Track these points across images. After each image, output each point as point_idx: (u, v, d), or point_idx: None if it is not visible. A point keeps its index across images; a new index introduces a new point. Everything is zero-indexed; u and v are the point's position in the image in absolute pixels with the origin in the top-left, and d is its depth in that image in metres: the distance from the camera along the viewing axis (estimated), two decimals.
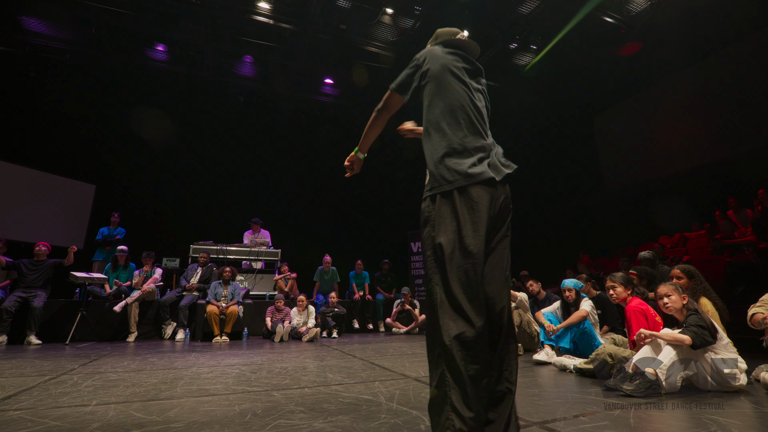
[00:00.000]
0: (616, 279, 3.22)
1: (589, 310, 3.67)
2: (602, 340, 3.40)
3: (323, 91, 9.75)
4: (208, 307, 5.67)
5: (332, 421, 1.77)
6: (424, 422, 1.75)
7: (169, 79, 8.64)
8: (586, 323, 3.54)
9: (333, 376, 2.91)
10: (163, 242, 7.75)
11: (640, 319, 2.88)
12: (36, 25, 7.34)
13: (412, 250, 9.20)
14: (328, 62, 8.68)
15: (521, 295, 4.44)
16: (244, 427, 1.69)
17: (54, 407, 2.03)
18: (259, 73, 8.96)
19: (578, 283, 3.86)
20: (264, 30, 7.73)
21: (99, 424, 1.75)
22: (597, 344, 3.39)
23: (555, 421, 1.77)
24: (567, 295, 3.79)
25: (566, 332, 3.60)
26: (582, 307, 3.67)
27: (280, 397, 2.24)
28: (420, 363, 3.53)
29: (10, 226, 6.71)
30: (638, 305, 2.97)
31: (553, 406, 2.06)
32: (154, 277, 6.15)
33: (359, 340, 5.76)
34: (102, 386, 2.55)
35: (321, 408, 2.00)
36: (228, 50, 8.23)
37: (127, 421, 1.79)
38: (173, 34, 7.61)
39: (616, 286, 3.17)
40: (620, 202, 8.97)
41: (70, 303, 5.77)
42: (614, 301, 3.21)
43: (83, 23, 7.31)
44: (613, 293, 3.19)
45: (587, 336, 3.50)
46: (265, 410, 1.96)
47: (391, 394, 2.29)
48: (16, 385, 2.54)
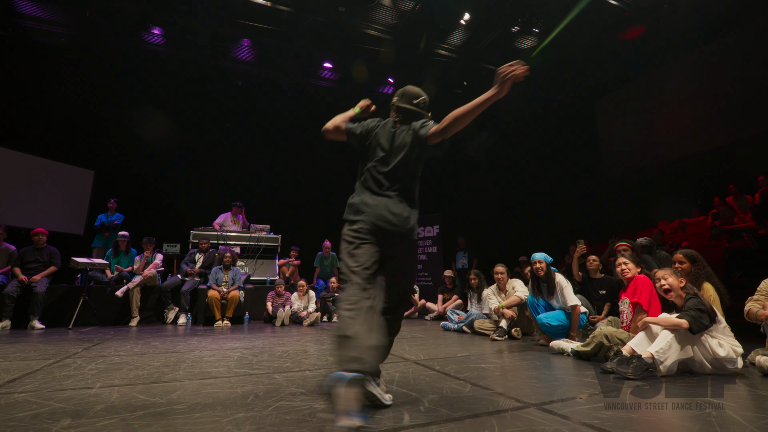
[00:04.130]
0: (627, 256, 3.23)
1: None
2: (601, 323, 3.44)
3: (322, 76, 9.63)
4: (210, 292, 5.70)
5: None
6: (423, 404, 1.77)
7: (166, 63, 8.51)
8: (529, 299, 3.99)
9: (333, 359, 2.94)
10: (164, 228, 7.75)
11: (648, 287, 2.91)
12: (30, 8, 7.19)
13: None
14: (327, 46, 8.54)
15: (518, 294, 4.44)
16: (246, 409, 1.71)
17: (58, 390, 2.05)
18: (257, 57, 8.83)
19: (548, 257, 3.89)
20: (261, 12, 7.58)
21: (103, 406, 1.77)
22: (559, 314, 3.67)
23: (552, 403, 1.80)
24: (537, 268, 3.82)
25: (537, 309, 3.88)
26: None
27: (282, 380, 2.28)
28: (419, 346, 3.57)
29: (10, 212, 6.70)
30: (648, 279, 3.00)
31: (550, 388, 2.09)
32: (154, 262, 6.17)
33: None
34: (105, 369, 2.58)
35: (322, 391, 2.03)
36: (225, 34, 8.09)
37: (131, 403, 1.82)
38: (169, 16, 7.48)
39: (629, 262, 3.17)
40: (620, 189, 8.96)
41: (71, 288, 5.81)
42: (625, 276, 3.17)
43: (78, 6, 7.16)
44: (625, 268, 3.16)
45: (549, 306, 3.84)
46: (266, 392, 1.99)
47: (391, 377, 2.32)
48: (20, 369, 2.58)
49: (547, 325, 3.62)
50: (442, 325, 5.20)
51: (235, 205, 7.55)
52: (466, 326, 4.76)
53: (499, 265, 4.75)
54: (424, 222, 9.13)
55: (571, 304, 3.61)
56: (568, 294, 3.67)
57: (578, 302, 3.64)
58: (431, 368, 2.59)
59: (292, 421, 1.55)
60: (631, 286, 3.06)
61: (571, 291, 3.70)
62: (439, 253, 8.75)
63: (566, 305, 3.65)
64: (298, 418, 1.59)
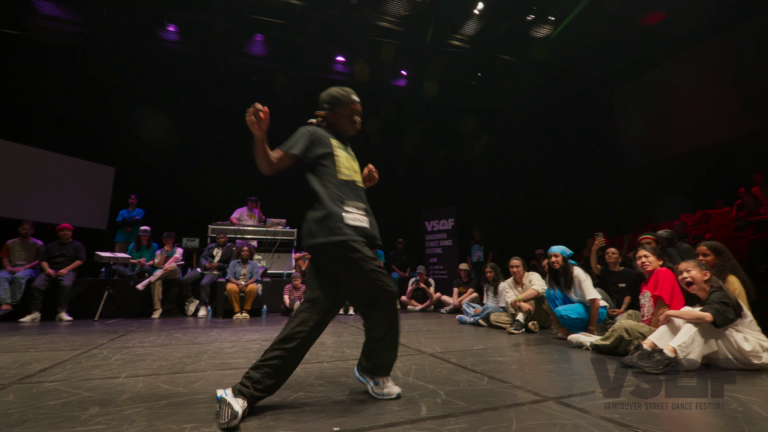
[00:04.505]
0: (648, 249, 3.16)
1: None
2: (621, 317, 3.39)
3: (335, 69, 9.62)
4: (228, 285, 5.82)
5: (351, 394, 1.82)
6: (440, 396, 1.78)
7: (182, 60, 8.62)
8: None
9: (350, 351, 2.98)
10: (183, 222, 7.91)
11: (670, 280, 2.85)
12: (48, 7, 7.36)
13: (427, 229, 9.20)
14: (340, 39, 8.52)
15: (535, 288, 4.38)
16: (266, 399, 1.75)
17: (86, 379, 2.13)
18: (270, 52, 8.87)
19: (566, 250, 3.82)
20: (274, 7, 7.60)
21: (129, 395, 1.83)
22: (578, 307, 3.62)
23: (571, 397, 1.78)
24: (552, 261, 3.77)
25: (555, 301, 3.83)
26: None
27: (300, 371, 2.31)
28: (435, 339, 3.58)
29: (36, 209, 6.93)
30: (669, 271, 2.93)
31: (568, 382, 2.07)
32: (174, 256, 6.32)
33: None
34: (130, 360, 2.67)
35: (339, 381, 2.06)
36: (238, 29, 8.14)
37: (156, 392, 1.87)
38: (184, 13, 7.56)
39: (649, 255, 3.11)
40: (639, 179, 8.74)
41: (96, 281, 6.00)
42: (645, 269, 3.12)
43: (95, 5, 7.30)
44: (646, 261, 3.11)
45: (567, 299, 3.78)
46: (286, 383, 2.02)
47: (407, 369, 2.33)
48: (50, 359, 2.68)
49: (566, 317, 3.58)
50: (458, 318, 5.19)
51: (250, 199, 7.65)
52: (482, 319, 4.74)
53: (515, 258, 4.70)
54: (438, 215, 9.10)
55: (590, 297, 3.56)
56: (587, 287, 3.61)
57: (597, 295, 3.59)
58: (447, 361, 2.59)
59: (311, 411, 1.57)
60: (652, 279, 2.99)
61: (590, 284, 3.64)
62: (454, 246, 8.71)
63: (585, 298, 3.60)
64: (316, 408, 1.62)
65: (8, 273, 5.34)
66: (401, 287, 7.81)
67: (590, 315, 3.56)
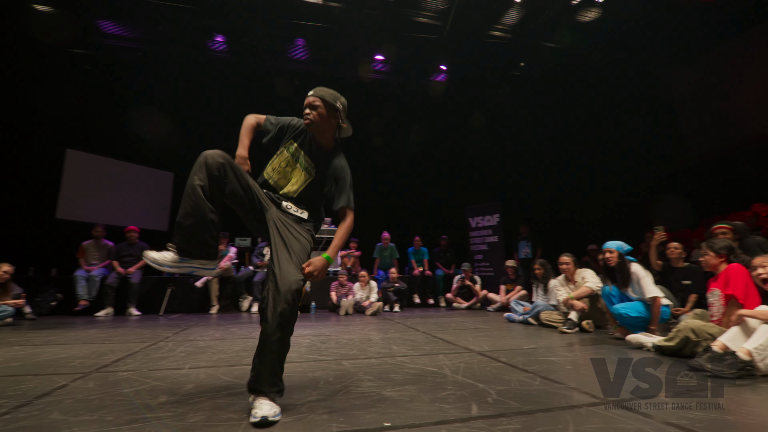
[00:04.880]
0: (707, 245, 2.93)
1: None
2: (686, 316, 3.15)
3: (374, 68, 9.68)
4: None
5: (400, 390, 1.83)
6: (491, 395, 1.75)
7: (230, 67, 9.04)
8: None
9: (397, 348, 3.00)
10: (234, 223, 8.30)
11: (743, 277, 2.61)
12: (111, 27, 8.00)
13: (471, 225, 9.04)
14: (378, 38, 8.56)
15: (589, 285, 4.17)
16: (318, 392, 1.81)
17: (155, 369, 2.31)
18: (311, 55, 9.08)
19: (622, 245, 3.58)
20: (314, 11, 7.77)
21: (193, 385, 1.96)
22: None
23: (633, 400, 1.69)
24: (607, 257, 3.56)
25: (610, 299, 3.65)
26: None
27: (349, 366, 2.36)
28: (483, 337, 3.52)
29: (106, 213, 7.55)
30: (742, 267, 2.69)
31: (629, 384, 1.96)
32: (228, 255, 6.66)
33: (420, 315, 5.85)
34: (193, 352, 2.85)
35: (388, 378, 2.08)
36: (281, 35, 8.41)
37: (217, 383, 1.99)
38: (231, 23, 7.92)
39: (708, 252, 2.89)
40: (703, 168, 8.03)
41: (160, 279, 6.47)
42: (705, 268, 2.91)
43: (151, 22, 7.83)
44: (703, 260, 2.91)
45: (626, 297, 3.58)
46: (336, 378, 2.09)
47: (456, 367, 2.31)
48: (123, 350, 2.92)
49: (625, 316, 3.38)
50: (506, 317, 5.06)
51: None
52: (531, 318, 4.60)
53: (564, 254, 4.51)
54: (482, 211, 8.91)
55: (651, 295, 3.34)
56: (647, 284, 3.39)
57: (659, 293, 3.36)
58: (497, 360, 2.54)
59: (361, 406, 1.60)
60: (722, 275, 2.76)
61: (650, 281, 3.42)
62: (499, 242, 8.49)
63: (645, 296, 3.39)
64: (367, 403, 1.65)
65: (84, 272, 5.89)
66: (446, 284, 7.74)
67: (652, 314, 3.35)
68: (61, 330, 4.15)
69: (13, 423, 1.42)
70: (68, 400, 1.70)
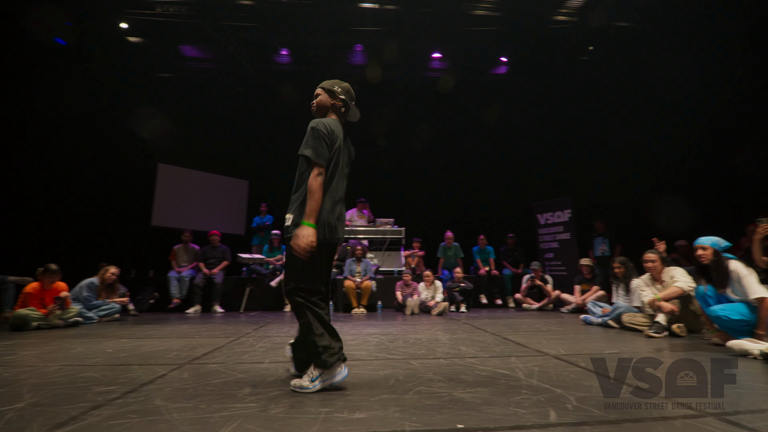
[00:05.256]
0: None
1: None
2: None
3: (431, 67, 9.60)
4: (346, 282, 6.25)
5: (471, 392, 1.80)
6: (570, 402, 1.66)
7: (294, 79, 9.52)
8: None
9: (466, 348, 2.95)
10: None
11: None
12: (190, 51, 8.82)
13: (539, 222, 8.61)
14: (435, 36, 8.48)
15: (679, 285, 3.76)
16: (389, 391, 1.84)
17: (239, 363, 2.50)
18: (369, 60, 9.24)
19: (719, 241, 3.15)
20: (370, 16, 7.91)
21: (273, 378, 2.10)
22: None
23: (738, 414, 1.50)
24: (699, 255, 3.18)
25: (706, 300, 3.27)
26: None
27: (418, 366, 2.37)
28: (558, 340, 3.34)
29: (192, 219, 8.33)
30: None
31: (732, 396, 1.75)
32: None
33: (488, 315, 5.70)
34: (271, 348, 3.05)
35: (458, 379, 2.06)
36: (340, 42, 8.67)
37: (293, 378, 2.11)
38: (296, 36, 8.33)
39: None
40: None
41: (240, 279, 7.00)
42: None
43: (223, 43, 8.50)
44: None
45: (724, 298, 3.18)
46: (406, 377, 2.11)
47: (529, 371, 2.22)
48: (210, 345, 3.21)
49: (725, 319, 3.01)
50: (583, 319, 4.75)
51: (360, 201, 8.08)
52: (612, 320, 4.26)
53: (650, 251, 4.12)
54: (552, 207, 8.44)
55: (757, 295, 2.93)
56: (750, 284, 2.99)
57: (766, 293, 2.95)
58: (575, 364, 2.40)
59: (433, 406, 1.60)
60: None
61: (754, 280, 3.01)
62: (572, 239, 7.98)
63: (748, 297, 2.99)
64: (438, 403, 1.65)
65: (176, 273, 6.54)
66: (514, 284, 7.45)
67: (758, 316, 2.94)
68: (159, 325, 4.67)
69: (124, 407, 1.62)
70: (168, 388, 1.90)
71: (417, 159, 10.31)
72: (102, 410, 1.58)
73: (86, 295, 5.04)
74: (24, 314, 4.19)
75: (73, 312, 4.61)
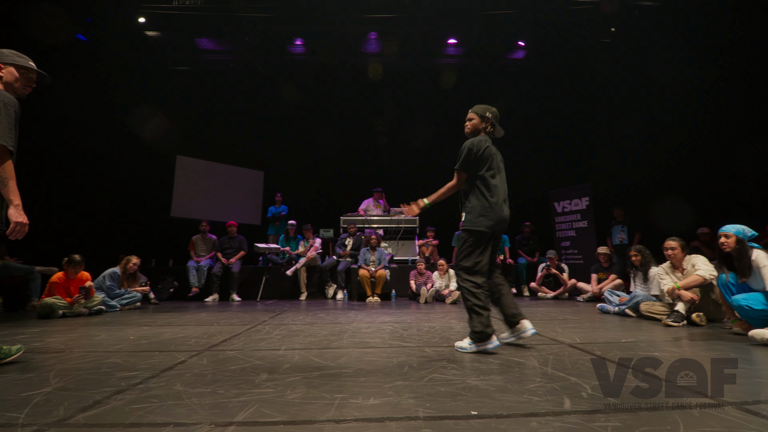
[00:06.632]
0: None
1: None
2: None
3: (447, 53, 9.44)
4: (360, 271, 6.30)
5: (486, 380, 1.81)
6: (585, 390, 1.65)
7: (309, 68, 9.50)
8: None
9: None
10: (319, 215, 8.81)
11: None
12: (206, 44, 8.87)
13: (557, 211, 8.47)
14: (451, 21, 8.32)
15: (700, 273, 3.65)
16: (403, 378, 1.86)
17: (256, 350, 2.56)
18: (384, 48, 9.14)
19: (744, 229, 3.05)
20: (384, 2, 7.79)
21: (289, 365, 2.14)
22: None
23: (758, 404, 1.47)
24: (722, 242, 3.09)
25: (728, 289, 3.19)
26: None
27: (432, 354, 2.39)
28: (573, 329, 3.31)
29: (209, 210, 8.48)
30: None
31: (753, 385, 1.71)
32: (314, 246, 7.09)
33: None
34: (287, 335, 3.10)
35: (472, 366, 2.07)
36: (355, 31, 8.58)
37: (309, 364, 2.15)
38: (310, 26, 8.29)
39: None
40: None
41: (256, 268, 7.13)
42: None
43: (239, 34, 8.51)
44: None
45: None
46: (419, 364, 2.12)
47: (544, 359, 2.22)
48: (228, 332, 3.28)
49: (747, 308, 2.93)
50: (599, 307, 4.69)
51: (376, 191, 8.09)
52: (629, 309, 4.20)
53: (671, 239, 4.01)
54: (569, 195, 8.29)
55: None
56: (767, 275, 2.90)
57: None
58: (590, 353, 2.38)
59: (447, 393, 1.62)
60: None
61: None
62: (590, 227, 7.84)
63: (766, 288, 2.90)
64: (452, 390, 1.66)
65: (195, 262, 6.69)
66: (529, 273, 7.39)
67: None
68: (178, 313, 4.80)
69: (147, 392, 1.68)
70: (187, 374, 1.96)
71: (430, 147, 10.23)
72: (125, 395, 1.64)
73: (109, 284, 5.21)
74: (50, 303, 4.36)
75: (96, 301, 4.77)
